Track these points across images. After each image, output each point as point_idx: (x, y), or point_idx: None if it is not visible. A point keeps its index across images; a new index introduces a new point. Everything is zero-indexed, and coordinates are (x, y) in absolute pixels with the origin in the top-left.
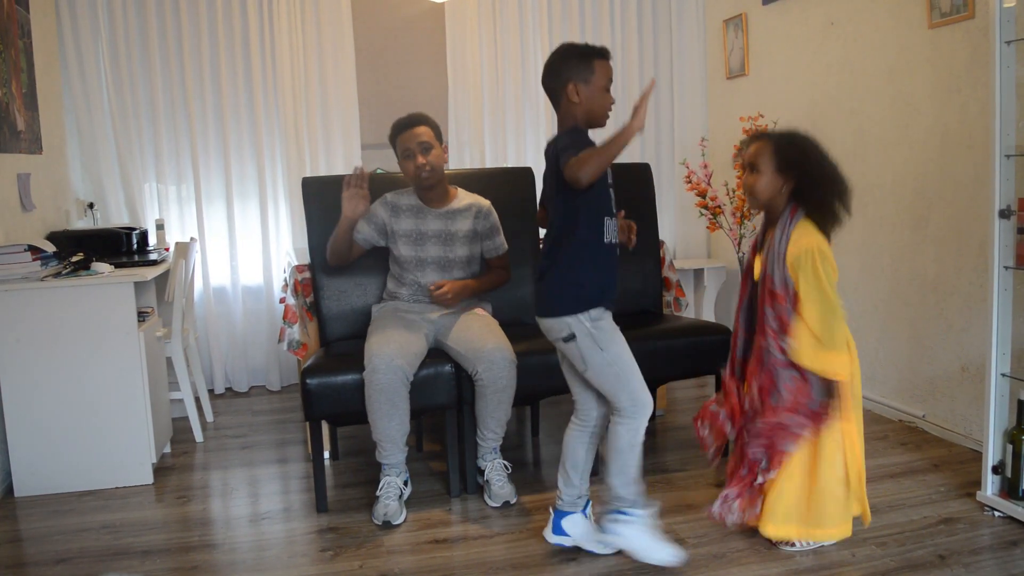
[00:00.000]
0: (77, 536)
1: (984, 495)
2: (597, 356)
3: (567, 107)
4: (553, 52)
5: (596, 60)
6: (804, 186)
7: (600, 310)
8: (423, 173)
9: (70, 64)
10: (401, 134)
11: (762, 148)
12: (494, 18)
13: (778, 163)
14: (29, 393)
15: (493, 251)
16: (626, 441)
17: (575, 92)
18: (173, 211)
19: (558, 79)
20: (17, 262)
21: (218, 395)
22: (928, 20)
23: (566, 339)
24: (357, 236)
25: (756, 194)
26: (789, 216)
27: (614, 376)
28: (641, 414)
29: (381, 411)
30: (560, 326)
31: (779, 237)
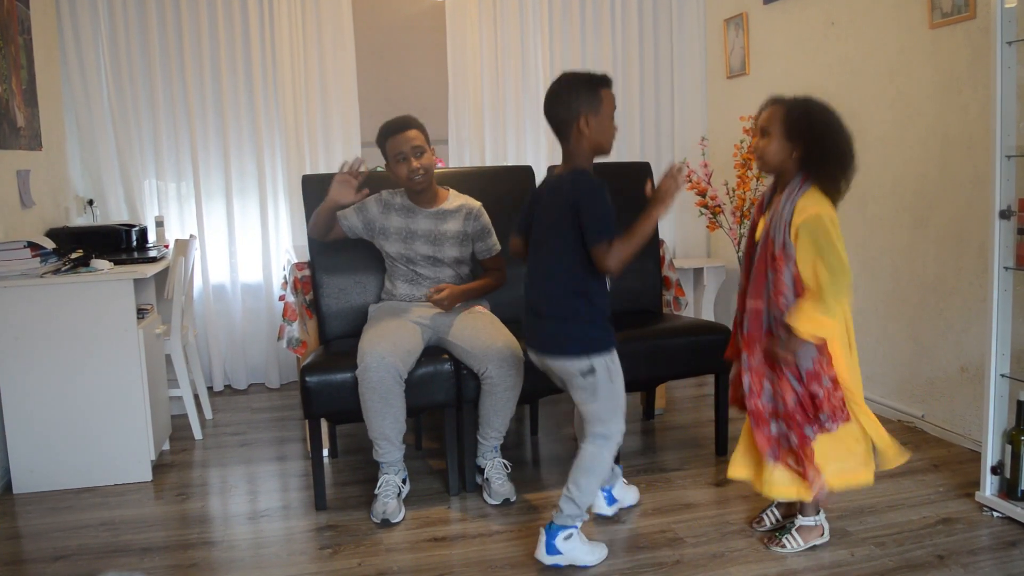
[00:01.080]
0: (76, 533)
1: (983, 495)
2: (607, 389)
3: (576, 138)
4: (557, 82)
5: (603, 89)
6: (811, 154)
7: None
8: (416, 177)
9: (70, 61)
10: (392, 137)
11: (774, 113)
12: (494, 17)
13: (787, 129)
14: (28, 390)
15: (486, 252)
16: (605, 465)
17: (586, 124)
18: (173, 208)
19: (568, 111)
20: (16, 259)
21: (217, 392)
22: (929, 20)
23: (585, 375)
24: (343, 222)
25: (765, 159)
26: (799, 183)
27: (615, 407)
28: (620, 439)
29: (375, 409)
30: (581, 364)
31: (784, 203)
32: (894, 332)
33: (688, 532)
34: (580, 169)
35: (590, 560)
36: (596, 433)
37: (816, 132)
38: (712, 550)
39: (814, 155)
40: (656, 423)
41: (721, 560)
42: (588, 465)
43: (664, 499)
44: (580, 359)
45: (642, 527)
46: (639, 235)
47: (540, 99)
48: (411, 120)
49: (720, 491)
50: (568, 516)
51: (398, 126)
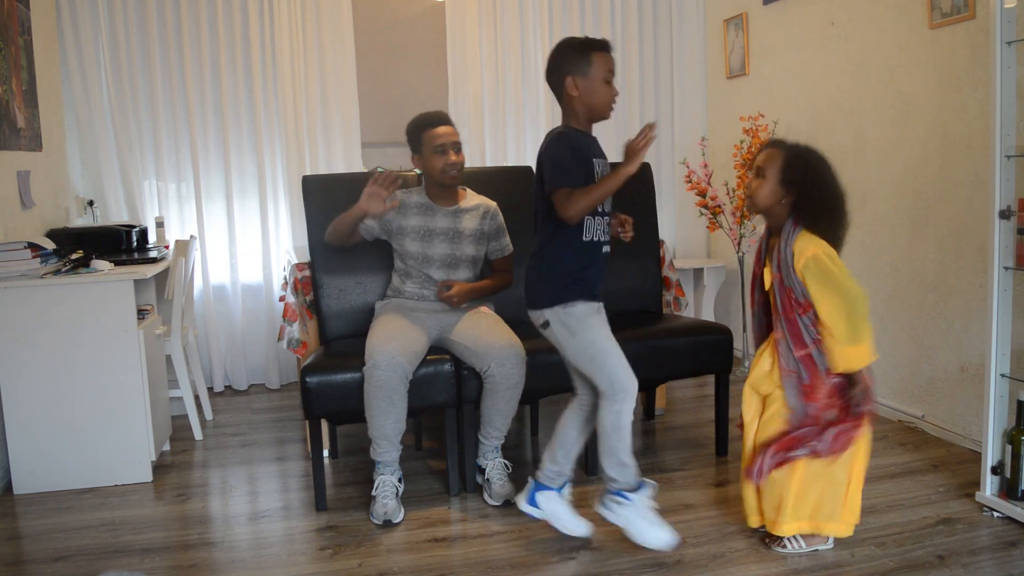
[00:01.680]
0: (76, 534)
1: (983, 495)
2: (570, 342)
3: (568, 101)
4: (553, 47)
5: (594, 53)
6: (803, 204)
7: (579, 305)
8: (453, 171)
9: (70, 61)
10: (433, 128)
11: (772, 156)
12: (494, 17)
13: (784, 175)
14: (28, 391)
15: (499, 252)
16: (609, 423)
17: (573, 86)
18: (173, 209)
19: (557, 73)
20: (16, 259)
21: (217, 393)
22: (929, 20)
23: (542, 326)
24: (361, 227)
25: (756, 200)
26: (791, 227)
27: (588, 360)
28: (621, 398)
29: (378, 408)
30: (537, 316)
31: (783, 248)
32: (894, 332)
33: (689, 532)
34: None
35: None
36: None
37: (811, 183)
38: (712, 550)
39: (805, 205)
40: (656, 423)
41: (721, 560)
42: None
43: (664, 499)
44: (536, 311)
45: None
46: (602, 188)
47: (540, 99)
48: (447, 116)
49: (721, 491)
50: (624, 483)
51: (439, 119)
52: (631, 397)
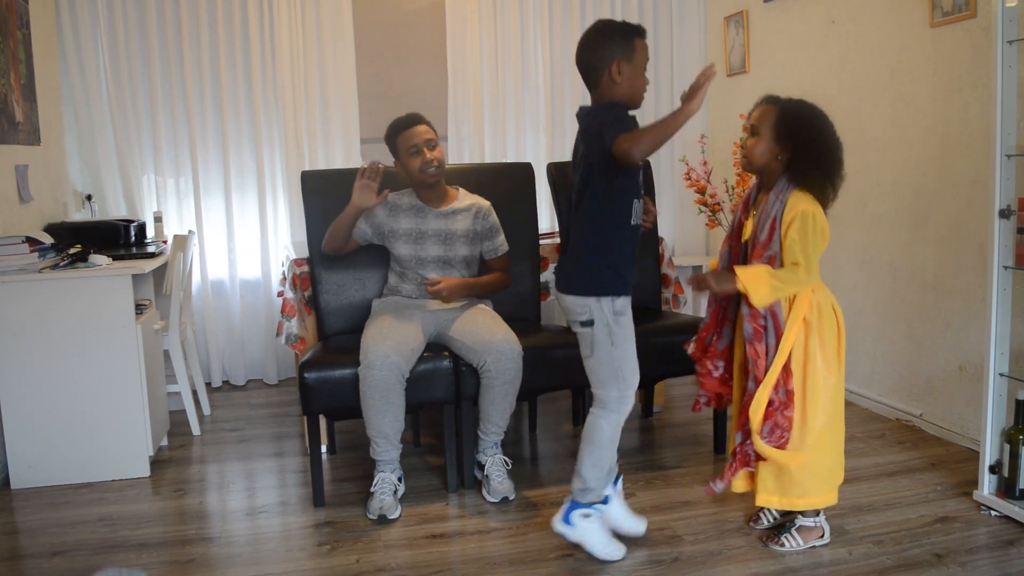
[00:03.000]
0: (73, 528)
1: (981, 494)
2: (606, 349)
3: (608, 86)
4: (591, 29)
5: (637, 39)
6: (798, 159)
7: (624, 300)
8: (430, 169)
9: (69, 55)
10: (404, 132)
11: (766, 113)
12: (494, 13)
13: (778, 132)
14: (26, 385)
15: (493, 252)
16: (607, 435)
17: (618, 71)
18: (171, 204)
19: (600, 57)
20: (14, 254)
21: (215, 388)
22: (929, 19)
23: (583, 323)
24: (354, 232)
25: (752, 158)
26: (786, 184)
27: (613, 371)
28: (625, 410)
29: (375, 407)
30: (582, 308)
31: (773, 202)
32: (893, 331)
33: (686, 530)
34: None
35: (600, 551)
36: (596, 399)
37: (806, 138)
38: (710, 548)
39: (801, 160)
40: (655, 421)
41: (719, 558)
42: (587, 435)
43: (662, 497)
44: (582, 301)
45: None
46: (665, 125)
47: (540, 96)
48: (420, 116)
49: None
50: (579, 491)
51: (408, 121)
52: (629, 409)
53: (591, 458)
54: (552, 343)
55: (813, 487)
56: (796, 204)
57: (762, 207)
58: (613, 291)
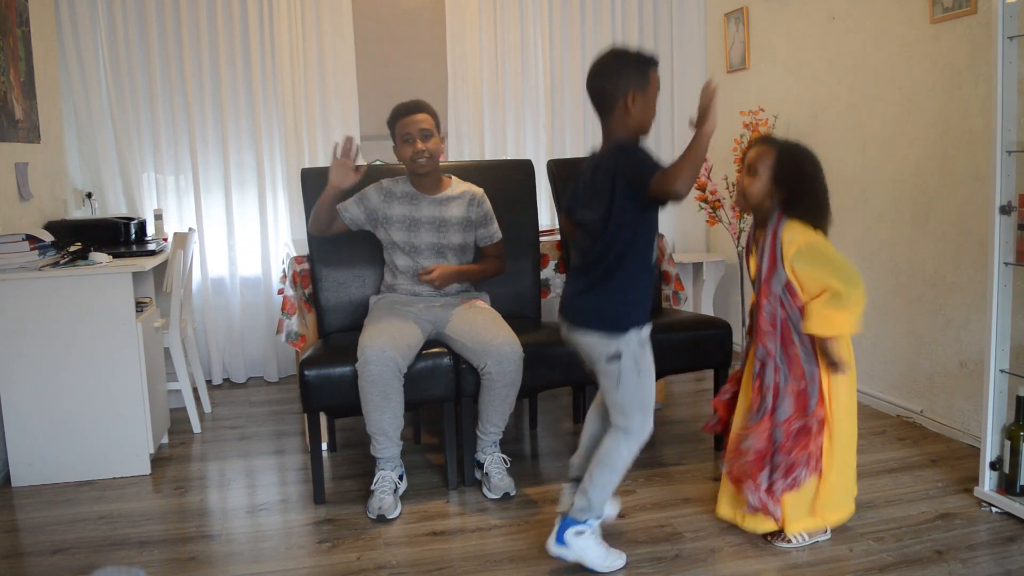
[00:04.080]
0: (74, 526)
1: (982, 491)
2: (633, 380)
3: (621, 116)
4: (605, 56)
5: (651, 69)
6: (793, 201)
7: (647, 329)
8: (420, 159)
9: (68, 53)
10: (401, 119)
11: (765, 154)
12: (494, 10)
13: (775, 173)
14: (26, 383)
15: (487, 239)
16: (624, 461)
17: (632, 101)
18: (171, 201)
19: (615, 86)
20: (14, 252)
21: (216, 386)
22: (930, 15)
23: (610, 359)
24: (344, 215)
25: (748, 196)
26: (776, 220)
27: (639, 401)
28: (644, 438)
29: (373, 403)
30: (608, 345)
31: (768, 239)
32: (893, 327)
33: (687, 527)
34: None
35: (600, 565)
36: (617, 426)
37: (803, 180)
38: (711, 544)
39: (795, 200)
40: (655, 417)
41: (720, 555)
42: (604, 458)
43: (663, 494)
44: (608, 337)
45: (640, 522)
46: (692, 151)
47: (540, 93)
48: (422, 104)
49: (719, 486)
50: (579, 510)
51: (409, 108)
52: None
53: (602, 480)
54: (552, 340)
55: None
56: (793, 240)
57: (760, 243)
58: (639, 322)
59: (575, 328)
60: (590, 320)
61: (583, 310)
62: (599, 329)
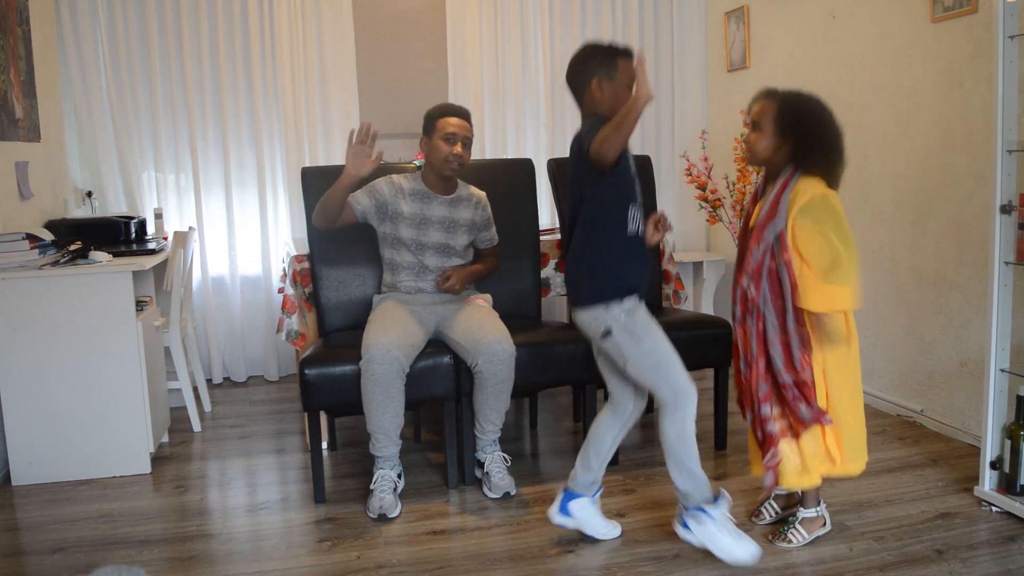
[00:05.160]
0: (74, 525)
1: (982, 490)
2: (634, 348)
3: (591, 104)
4: (577, 50)
5: (620, 58)
6: (801, 149)
7: (633, 299)
8: (454, 163)
9: (69, 52)
10: (450, 117)
11: (766, 107)
12: (495, 9)
13: (780, 125)
14: (26, 382)
15: (488, 242)
16: (674, 435)
17: (599, 87)
18: (172, 200)
19: (582, 75)
20: (15, 251)
21: (216, 385)
22: (931, 14)
23: (604, 335)
24: (356, 206)
25: (755, 152)
26: (791, 172)
27: (652, 368)
28: (684, 405)
29: (376, 402)
30: (596, 321)
31: (779, 187)
32: (894, 326)
33: None
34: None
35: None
36: (658, 403)
37: (808, 128)
38: None
39: (804, 150)
40: (655, 417)
41: None
42: (662, 441)
43: (663, 493)
44: (593, 312)
45: (640, 521)
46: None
47: (540, 92)
48: (469, 114)
49: (719, 485)
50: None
51: (460, 111)
52: (694, 403)
53: (671, 462)
54: (552, 339)
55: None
56: (807, 188)
57: (768, 195)
58: (617, 295)
59: (572, 308)
60: (575, 295)
61: (570, 287)
62: (581, 302)
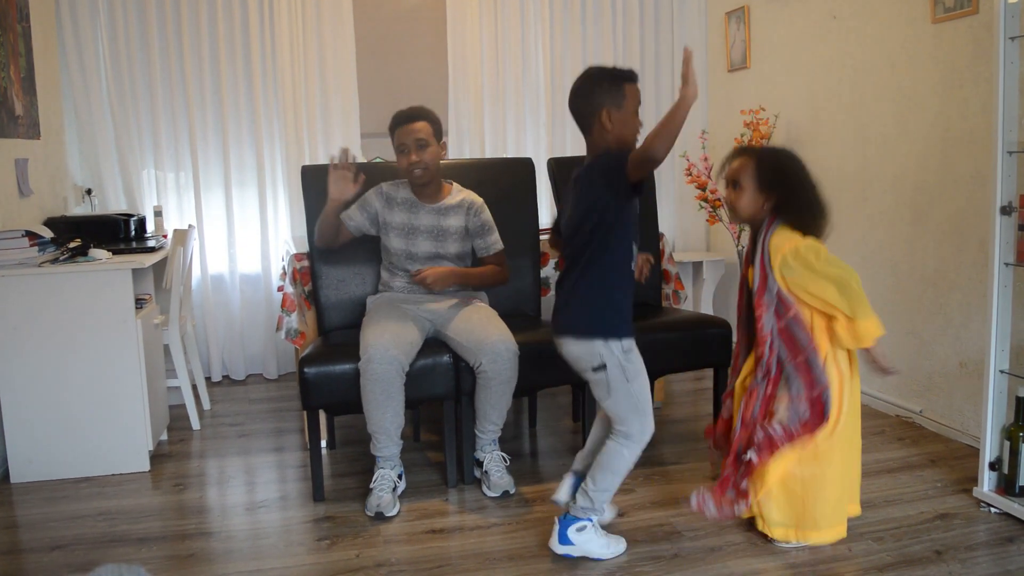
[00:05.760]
0: (73, 523)
1: (981, 491)
2: (623, 388)
3: (599, 134)
4: (581, 76)
5: (626, 84)
6: (784, 204)
7: (630, 342)
8: (415, 171)
9: (68, 49)
10: (400, 127)
11: (744, 165)
12: (495, 7)
13: (760, 181)
14: (25, 380)
15: (485, 250)
16: (626, 463)
17: (608, 118)
18: (171, 198)
19: (589, 105)
20: (14, 248)
21: (215, 383)
22: (931, 15)
23: (595, 369)
24: (349, 223)
25: (738, 211)
26: (767, 226)
27: (632, 406)
28: (646, 440)
29: (375, 402)
30: (591, 355)
31: (759, 248)
32: (893, 327)
33: (686, 526)
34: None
35: (604, 553)
36: (617, 431)
37: (788, 183)
38: (710, 544)
39: (786, 205)
40: (655, 416)
41: (719, 554)
42: (606, 462)
43: (662, 493)
44: (590, 345)
45: (640, 521)
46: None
47: (540, 91)
48: (422, 112)
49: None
50: (582, 508)
51: (407, 116)
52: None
53: (604, 483)
54: (550, 340)
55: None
56: (779, 247)
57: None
58: (619, 333)
59: (558, 337)
60: (568, 327)
61: (562, 318)
62: (576, 335)
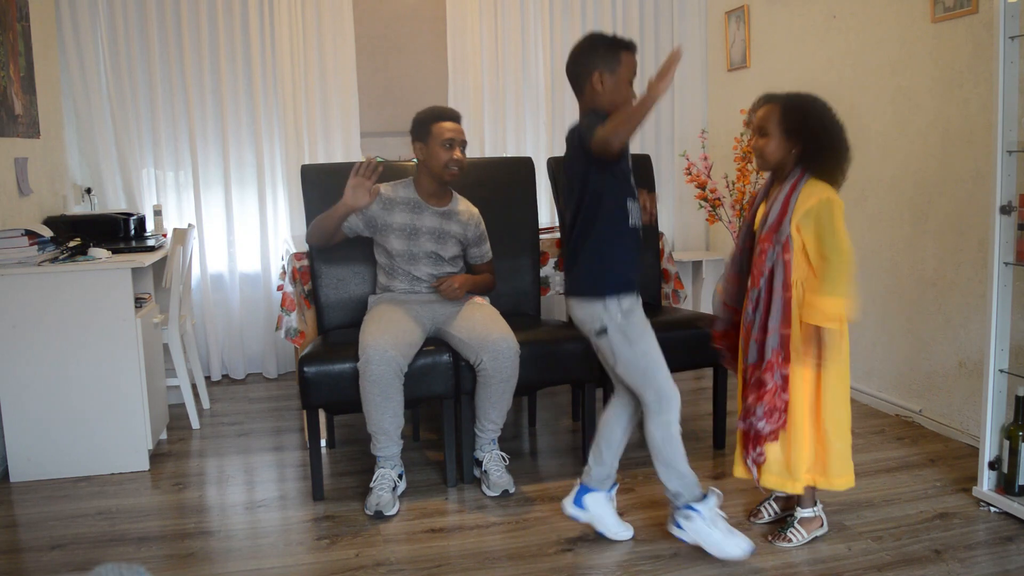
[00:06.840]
0: (72, 522)
1: (980, 491)
2: (627, 351)
3: (591, 96)
4: (580, 40)
5: (623, 52)
6: (810, 149)
7: (632, 299)
8: (453, 167)
9: (68, 48)
10: (444, 122)
11: (770, 112)
12: (495, 7)
13: (785, 128)
14: (25, 379)
15: (480, 258)
16: (659, 437)
17: (599, 81)
18: (171, 197)
19: (584, 67)
20: (14, 247)
21: (215, 382)
22: (931, 14)
23: (598, 333)
24: (345, 226)
25: (766, 157)
26: (799, 175)
27: (641, 372)
28: (668, 408)
29: (374, 403)
30: (592, 317)
31: (786, 190)
32: (893, 327)
33: None
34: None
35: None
36: (642, 405)
37: (813, 128)
38: None
39: (813, 150)
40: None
41: None
42: (654, 452)
43: (662, 492)
44: (590, 309)
45: (639, 520)
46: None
47: (540, 91)
48: (461, 117)
49: (718, 484)
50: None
51: (452, 114)
52: (677, 407)
53: (658, 463)
54: (552, 338)
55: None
56: (813, 192)
57: (774, 196)
58: (616, 290)
59: (569, 299)
60: (571, 286)
61: (570, 278)
62: (578, 294)
